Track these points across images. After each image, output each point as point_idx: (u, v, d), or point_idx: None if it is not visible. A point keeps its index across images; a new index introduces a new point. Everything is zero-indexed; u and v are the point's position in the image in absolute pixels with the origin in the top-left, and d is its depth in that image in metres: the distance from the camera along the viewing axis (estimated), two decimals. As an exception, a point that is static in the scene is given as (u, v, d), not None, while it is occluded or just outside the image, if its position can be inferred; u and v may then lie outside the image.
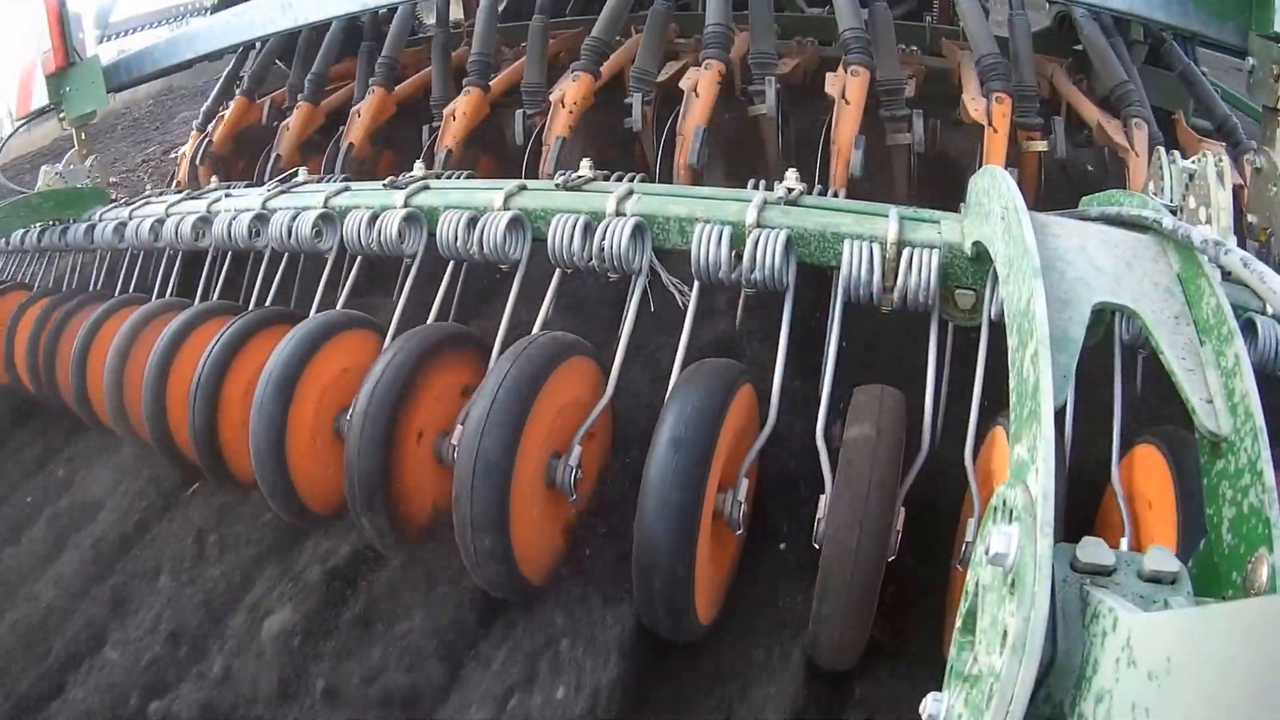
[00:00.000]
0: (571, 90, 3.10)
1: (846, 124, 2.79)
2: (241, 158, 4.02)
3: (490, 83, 3.51)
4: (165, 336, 2.53)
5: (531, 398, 1.84)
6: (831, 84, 2.91)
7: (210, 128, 4.11)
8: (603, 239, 2.15)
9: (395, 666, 1.92)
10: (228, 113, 4.03)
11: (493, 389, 1.83)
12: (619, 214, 2.21)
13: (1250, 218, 2.52)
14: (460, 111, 3.34)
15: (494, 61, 3.65)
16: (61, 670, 2.23)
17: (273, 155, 3.73)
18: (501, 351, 2.14)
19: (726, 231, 2.05)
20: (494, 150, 3.71)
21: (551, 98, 3.13)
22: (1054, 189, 3.26)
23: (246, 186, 3.27)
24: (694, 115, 2.87)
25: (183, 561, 2.39)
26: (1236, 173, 2.32)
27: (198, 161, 3.88)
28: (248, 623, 2.13)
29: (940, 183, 3.19)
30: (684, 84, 2.97)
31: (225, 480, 2.44)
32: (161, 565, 2.41)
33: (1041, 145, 3.07)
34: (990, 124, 2.77)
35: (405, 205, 2.48)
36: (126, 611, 2.32)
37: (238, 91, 4.13)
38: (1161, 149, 2.08)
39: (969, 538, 1.63)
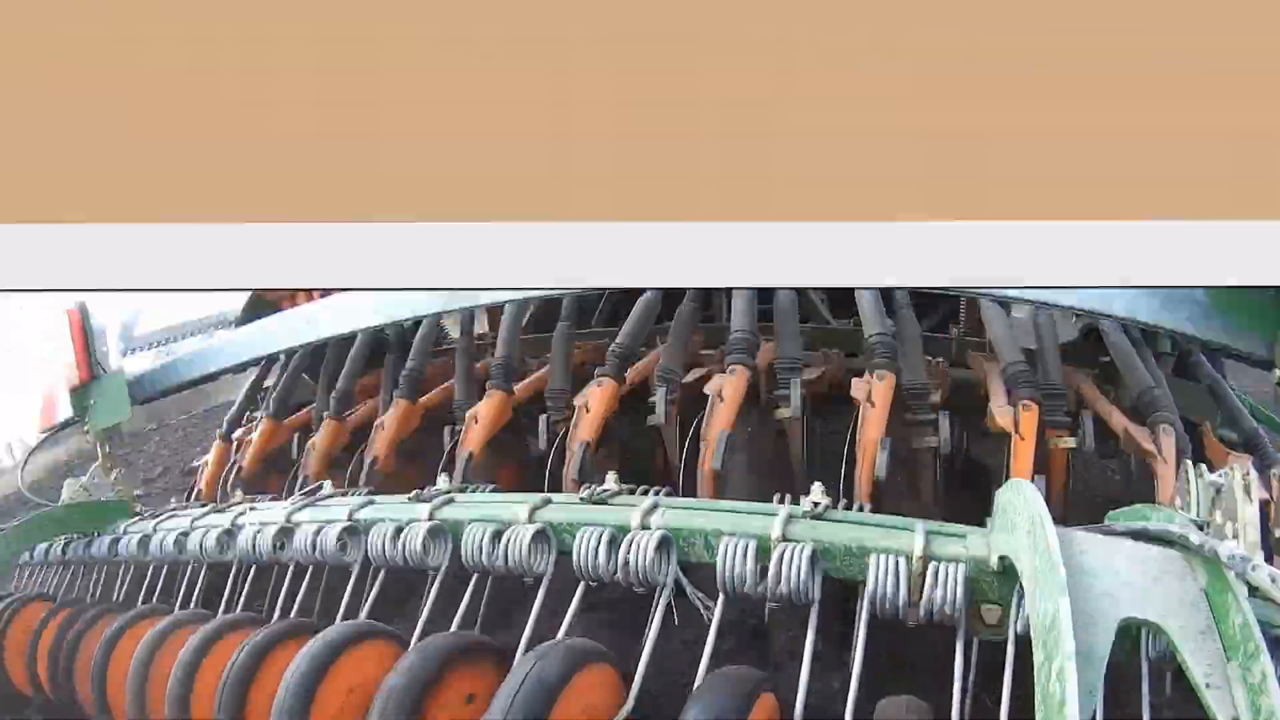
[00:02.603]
0: (596, 395, 3.16)
1: (872, 427, 2.81)
2: (270, 478, 4.04)
3: (514, 387, 3.54)
4: (187, 649, 2.51)
5: (548, 707, 1.80)
6: (857, 388, 2.95)
7: (235, 436, 4.19)
8: (628, 553, 2.15)
9: None
10: (256, 436, 4.07)
11: (508, 697, 1.80)
12: (644, 527, 2.21)
13: (1278, 532, 2.49)
14: (483, 414, 3.35)
15: (517, 366, 3.70)
16: None
17: (300, 476, 3.77)
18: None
19: (752, 545, 2.04)
20: (516, 458, 3.69)
21: (576, 402, 3.18)
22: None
23: (271, 500, 3.31)
24: (718, 420, 2.91)
25: None
26: (1263, 488, 2.32)
27: (228, 486, 3.91)
28: None
29: (969, 492, 3.18)
30: (709, 389, 3.02)
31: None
32: None
33: (1070, 442, 3.03)
34: (1017, 431, 2.77)
35: (430, 518, 2.50)
36: None
37: (264, 414, 4.17)
38: (1189, 462, 2.08)
39: None
